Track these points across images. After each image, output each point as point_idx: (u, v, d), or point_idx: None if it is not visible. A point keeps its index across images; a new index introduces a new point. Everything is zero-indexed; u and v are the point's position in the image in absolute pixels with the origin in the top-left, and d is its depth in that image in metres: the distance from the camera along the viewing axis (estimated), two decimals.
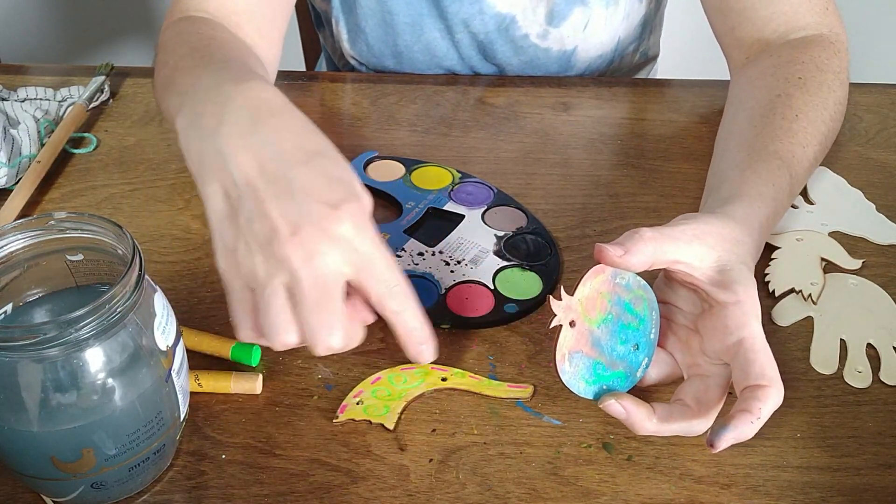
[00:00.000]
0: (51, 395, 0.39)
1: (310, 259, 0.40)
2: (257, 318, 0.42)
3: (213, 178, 0.43)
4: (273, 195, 0.41)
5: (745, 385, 0.44)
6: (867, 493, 0.46)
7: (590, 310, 0.46)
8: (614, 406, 0.45)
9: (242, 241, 0.42)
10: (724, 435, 0.42)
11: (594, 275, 0.46)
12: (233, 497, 0.45)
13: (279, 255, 0.40)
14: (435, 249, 0.60)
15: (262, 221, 0.41)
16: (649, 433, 0.45)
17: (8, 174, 0.66)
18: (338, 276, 0.41)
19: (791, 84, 0.63)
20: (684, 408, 0.46)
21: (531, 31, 0.82)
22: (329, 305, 0.41)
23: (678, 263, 0.46)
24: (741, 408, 0.43)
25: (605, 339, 0.47)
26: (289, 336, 0.42)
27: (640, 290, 0.47)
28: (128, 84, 0.81)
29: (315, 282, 0.40)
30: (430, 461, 0.47)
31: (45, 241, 0.42)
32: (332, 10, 0.86)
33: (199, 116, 0.46)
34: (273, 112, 0.44)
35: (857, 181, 0.68)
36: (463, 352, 0.54)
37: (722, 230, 0.48)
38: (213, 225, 0.43)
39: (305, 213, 0.41)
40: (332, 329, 0.41)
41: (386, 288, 0.42)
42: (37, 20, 1.77)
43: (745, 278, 0.46)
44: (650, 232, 0.46)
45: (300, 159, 0.42)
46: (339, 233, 0.41)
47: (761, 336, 0.45)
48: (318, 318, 0.41)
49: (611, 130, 0.75)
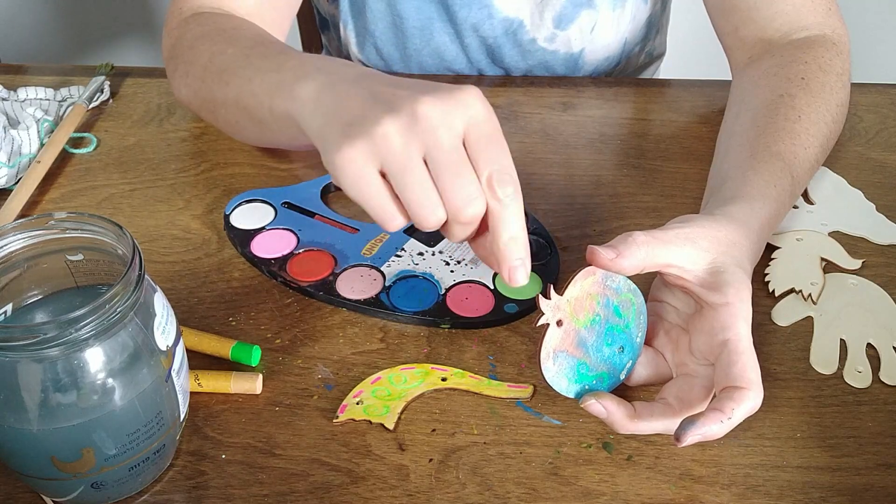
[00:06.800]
0: (51, 395, 0.39)
1: (446, 116, 0.42)
2: (400, 204, 0.43)
3: (348, 106, 0.45)
4: (402, 83, 0.45)
5: (724, 385, 0.44)
6: (867, 493, 0.46)
7: (578, 310, 0.46)
8: (595, 406, 0.45)
9: (373, 118, 0.43)
10: (690, 430, 0.42)
11: (585, 276, 0.46)
12: (233, 497, 0.45)
13: (417, 115, 0.42)
14: (435, 249, 0.60)
15: (395, 93, 0.43)
16: (630, 432, 0.45)
17: (8, 174, 0.66)
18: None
19: (794, 84, 0.63)
20: (666, 406, 0.46)
21: (538, 35, 0.83)
22: (467, 170, 0.42)
23: (670, 267, 0.46)
24: (714, 406, 0.43)
25: (591, 340, 0.47)
26: (438, 210, 0.42)
27: (630, 293, 0.47)
28: (128, 84, 0.81)
29: (452, 143, 0.42)
30: (430, 461, 0.47)
31: (45, 241, 0.42)
32: (339, 14, 0.86)
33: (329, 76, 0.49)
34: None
35: (857, 181, 0.68)
36: (463, 352, 0.54)
37: (717, 233, 0.48)
38: (334, 122, 0.45)
39: (434, 86, 0.44)
40: (473, 196, 0.42)
41: (499, 166, 0.43)
42: (37, 20, 1.77)
43: (737, 281, 0.46)
44: (643, 236, 0.46)
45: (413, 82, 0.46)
46: (469, 99, 0.43)
47: (747, 339, 0.45)
48: (459, 184, 0.42)
49: (611, 130, 0.75)
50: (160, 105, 0.77)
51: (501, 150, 0.43)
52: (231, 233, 0.62)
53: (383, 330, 0.55)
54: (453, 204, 0.42)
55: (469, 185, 0.42)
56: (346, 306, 0.56)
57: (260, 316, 0.56)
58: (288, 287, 0.58)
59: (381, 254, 0.59)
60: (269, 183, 0.68)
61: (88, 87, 0.76)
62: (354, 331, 0.55)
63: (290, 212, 0.63)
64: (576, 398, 0.47)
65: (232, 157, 0.71)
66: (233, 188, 0.67)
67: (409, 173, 0.42)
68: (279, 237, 0.61)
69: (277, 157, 0.71)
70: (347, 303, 0.56)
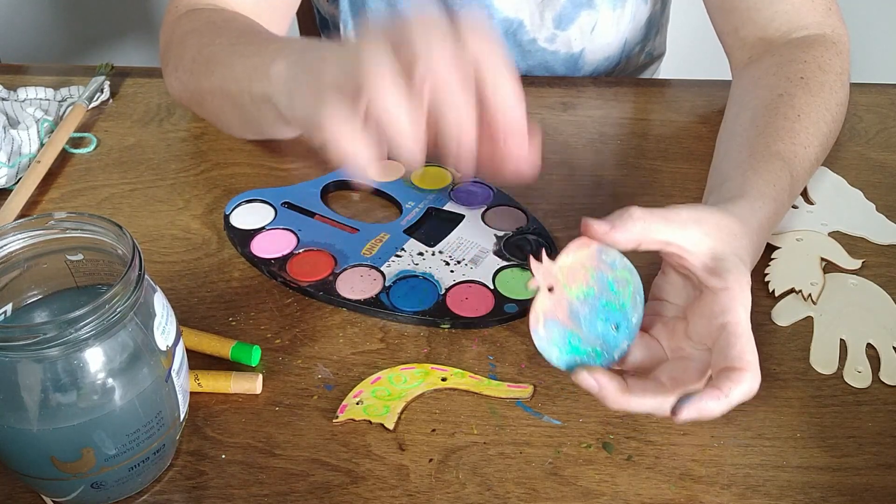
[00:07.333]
0: (51, 395, 0.39)
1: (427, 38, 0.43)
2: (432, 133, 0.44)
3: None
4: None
5: (721, 367, 0.44)
6: (867, 493, 0.46)
7: (570, 280, 0.46)
8: (587, 379, 0.44)
9: (342, 65, 0.44)
10: (687, 404, 0.42)
11: (579, 246, 0.46)
12: (233, 497, 0.45)
13: (386, 47, 0.43)
14: (435, 249, 0.60)
15: (359, 45, 0.44)
16: (620, 408, 0.45)
17: (8, 174, 0.66)
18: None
19: (793, 84, 0.63)
20: (658, 385, 0.45)
21: (539, 35, 0.82)
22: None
23: (670, 245, 0.46)
24: (712, 384, 0.43)
25: (584, 312, 0.46)
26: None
27: (626, 271, 0.47)
28: (128, 84, 0.81)
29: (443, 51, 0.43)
30: (430, 461, 0.47)
31: (45, 241, 0.42)
32: (339, 14, 0.86)
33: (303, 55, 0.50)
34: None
35: (857, 181, 0.68)
36: (463, 352, 0.54)
37: (720, 221, 0.48)
38: (305, 87, 0.47)
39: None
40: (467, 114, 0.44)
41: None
42: (37, 20, 1.77)
43: (737, 269, 0.46)
44: (640, 211, 0.46)
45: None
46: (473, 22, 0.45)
47: (746, 323, 0.45)
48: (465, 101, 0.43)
49: (611, 130, 0.75)
50: (160, 105, 0.77)
51: (501, 55, 0.45)
52: (231, 233, 0.62)
53: (383, 330, 0.55)
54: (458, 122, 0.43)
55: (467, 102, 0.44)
56: (346, 306, 0.56)
57: (260, 316, 0.56)
58: (288, 287, 0.58)
59: (381, 254, 0.59)
60: (269, 183, 0.68)
61: (88, 87, 0.76)
62: (354, 331, 0.55)
63: (290, 212, 0.63)
64: (567, 370, 0.46)
65: (232, 157, 0.71)
66: (233, 188, 0.67)
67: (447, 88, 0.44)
68: (279, 237, 0.61)
69: (277, 157, 0.71)
70: (347, 303, 0.56)
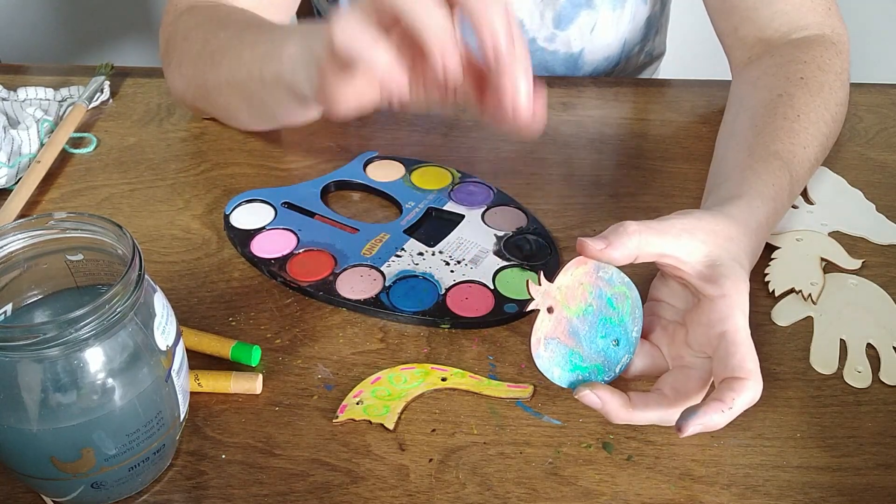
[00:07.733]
0: (51, 395, 0.39)
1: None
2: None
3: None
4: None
5: (723, 376, 0.44)
6: (867, 493, 0.46)
7: (569, 299, 0.46)
8: (589, 396, 0.45)
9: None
10: (691, 419, 0.42)
11: (576, 265, 0.46)
12: (233, 497, 0.45)
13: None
14: (435, 249, 0.60)
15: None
16: (624, 422, 0.45)
17: (8, 174, 0.66)
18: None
19: (792, 84, 0.63)
20: (661, 396, 0.46)
21: (538, 35, 0.82)
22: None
23: (665, 257, 0.46)
24: (714, 397, 0.43)
25: (584, 330, 0.47)
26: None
27: (624, 286, 0.47)
28: (128, 84, 0.81)
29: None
30: (430, 461, 0.47)
31: (45, 241, 0.42)
32: None
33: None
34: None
35: (857, 181, 0.68)
36: (463, 352, 0.54)
37: (715, 226, 0.48)
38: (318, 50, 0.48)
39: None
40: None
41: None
42: (37, 20, 1.76)
43: (734, 274, 0.46)
44: (634, 225, 0.46)
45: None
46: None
47: (745, 330, 0.45)
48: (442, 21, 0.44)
49: (611, 130, 0.75)
50: (160, 105, 0.77)
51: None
52: (231, 233, 0.62)
53: (383, 330, 0.55)
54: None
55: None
56: (346, 306, 0.56)
57: (260, 316, 0.56)
58: (288, 287, 0.58)
59: (380, 254, 0.59)
60: (269, 183, 0.68)
61: (88, 87, 0.76)
62: (354, 331, 0.55)
63: (290, 212, 0.63)
64: (570, 388, 0.47)
65: (232, 157, 0.71)
66: (233, 188, 0.67)
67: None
68: (279, 237, 0.61)
69: (277, 157, 0.71)
70: (347, 303, 0.56)
